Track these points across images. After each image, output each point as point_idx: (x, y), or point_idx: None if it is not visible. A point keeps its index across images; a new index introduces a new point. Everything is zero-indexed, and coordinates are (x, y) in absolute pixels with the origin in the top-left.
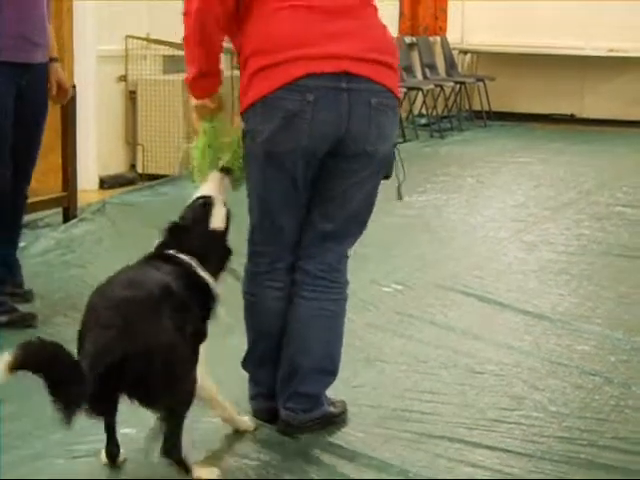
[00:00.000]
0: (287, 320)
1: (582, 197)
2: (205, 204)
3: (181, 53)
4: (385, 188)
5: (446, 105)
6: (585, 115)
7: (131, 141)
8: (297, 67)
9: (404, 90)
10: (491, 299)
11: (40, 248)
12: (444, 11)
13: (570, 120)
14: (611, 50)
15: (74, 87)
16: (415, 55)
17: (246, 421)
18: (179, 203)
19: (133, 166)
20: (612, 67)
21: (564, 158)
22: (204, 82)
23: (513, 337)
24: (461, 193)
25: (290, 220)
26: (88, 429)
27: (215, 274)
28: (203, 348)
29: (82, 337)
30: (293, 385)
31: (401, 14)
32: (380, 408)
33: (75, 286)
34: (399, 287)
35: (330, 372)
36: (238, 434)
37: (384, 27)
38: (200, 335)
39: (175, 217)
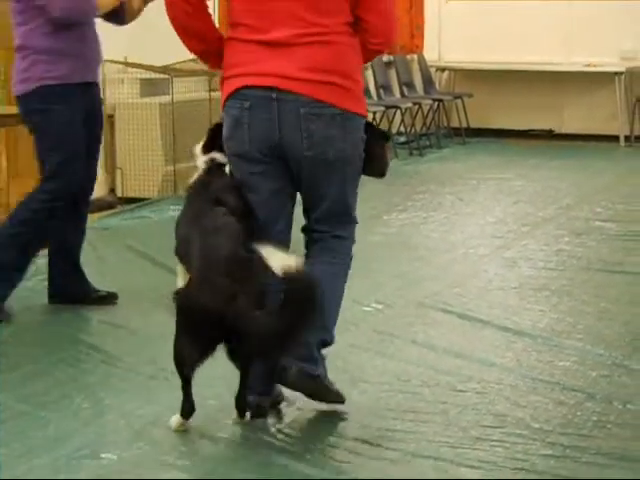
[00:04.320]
0: None
1: (561, 212)
2: None
3: (158, 76)
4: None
5: (424, 123)
6: (563, 130)
7: (110, 165)
8: (238, 81)
9: (382, 109)
10: (472, 316)
11: None
12: (420, 29)
13: (548, 135)
14: (588, 65)
15: None
16: (392, 73)
17: None
18: (159, 226)
19: (112, 190)
20: (589, 82)
21: (543, 174)
22: (205, 62)
23: (494, 354)
24: (441, 211)
25: (264, 212)
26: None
27: None
28: None
29: None
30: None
31: None
32: (363, 428)
33: (57, 311)
34: (380, 306)
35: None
36: None
37: (339, 49)
38: None
39: (155, 241)
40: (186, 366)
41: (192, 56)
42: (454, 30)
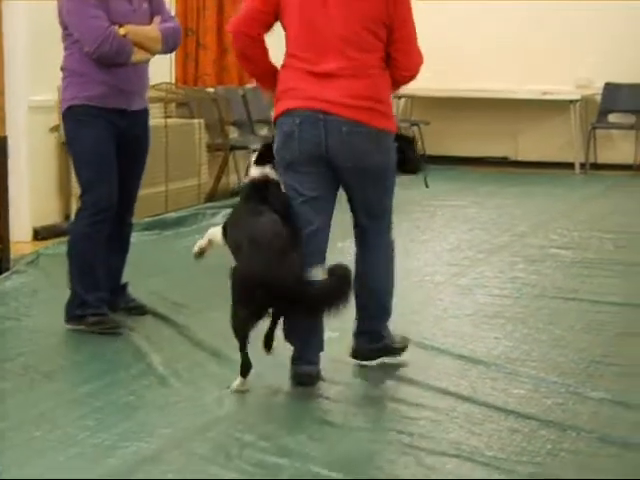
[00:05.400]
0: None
1: (516, 240)
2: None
3: None
4: None
5: None
6: (519, 158)
7: (65, 191)
8: (292, 102)
9: None
10: (427, 344)
11: None
12: None
13: (504, 163)
14: (544, 93)
15: (5, 138)
16: None
17: None
18: None
19: (68, 216)
20: (545, 110)
21: (498, 201)
22: (258, 83)
23: (449, 382)
24: (397, 238)
25: (308, 216)
26: None
27: None
28: None
29: None
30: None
31: None
32: (318, 454)
33: (10, 340)
34: (335, 334)
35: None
36: None
37: (374, 81)
38: None
39: None
40: (241, 331)
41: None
42: None
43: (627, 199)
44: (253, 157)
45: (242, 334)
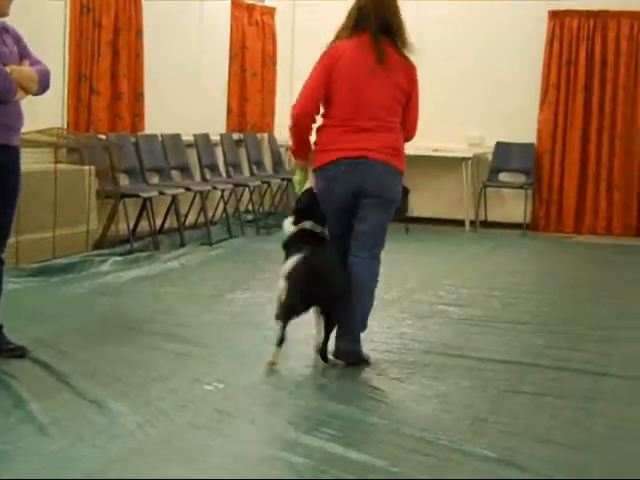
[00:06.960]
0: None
1: (405, 295)
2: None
3: None
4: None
5: (273, 202)
6: (410, 214)
7: None
8: (338, 153)
9: (230, 187)
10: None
11: None
12: (272, 108)
13: (396, 219)
14: (435, 150)
15: None
16: (242, 152)
17: None
18: None
19: None
20: (437, 167)
21: (389, 256)
22: (297, 155)
23: (335, 442)
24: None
25: (341, 230)
26: None
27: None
28: None
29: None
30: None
31: (229, 111)
32: None
33: None
34: (221, 385)
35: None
36: None
37: (398, 135)
38: None
39: None
40: (288, 317)
41: (38, 127)
42: None
43: (515, 257)
44: (291, 218)
45: (287, 319)
